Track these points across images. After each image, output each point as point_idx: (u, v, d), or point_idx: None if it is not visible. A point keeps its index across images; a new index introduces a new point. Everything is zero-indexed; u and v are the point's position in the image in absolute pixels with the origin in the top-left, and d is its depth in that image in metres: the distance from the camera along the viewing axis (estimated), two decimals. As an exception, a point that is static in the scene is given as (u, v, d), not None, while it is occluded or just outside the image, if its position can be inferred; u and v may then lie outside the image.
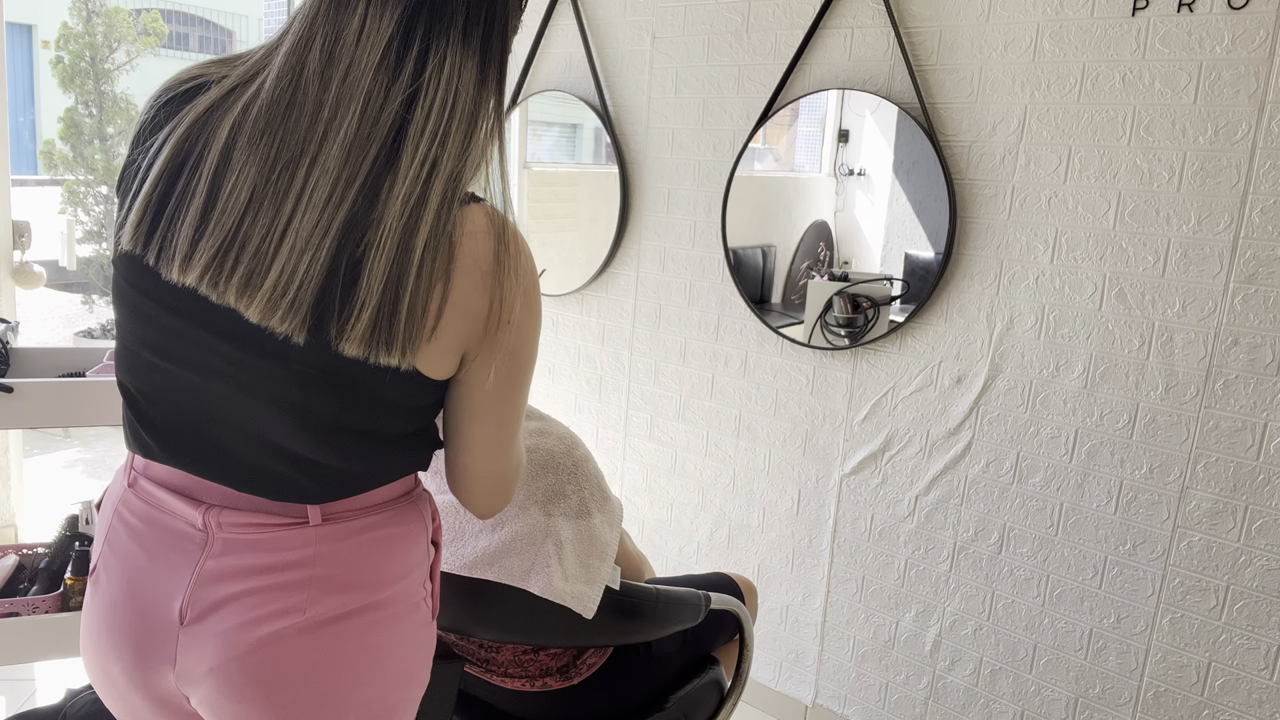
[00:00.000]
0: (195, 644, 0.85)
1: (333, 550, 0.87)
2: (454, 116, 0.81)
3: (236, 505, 0.86)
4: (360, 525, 0.89)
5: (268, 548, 0.85)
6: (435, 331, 0.80)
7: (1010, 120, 1.76)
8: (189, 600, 0.85)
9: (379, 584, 0.89)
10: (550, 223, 2.68)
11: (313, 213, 0.76)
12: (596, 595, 1.21)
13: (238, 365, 0.82)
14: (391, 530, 0.91)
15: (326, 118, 0.77)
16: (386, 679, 0.91)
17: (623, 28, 2.35)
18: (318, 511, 0.86)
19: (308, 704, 0.86)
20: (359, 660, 0.88)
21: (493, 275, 0.82)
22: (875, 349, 2.01)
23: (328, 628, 0.86)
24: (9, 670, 2.26)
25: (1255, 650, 1.61)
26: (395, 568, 0.91)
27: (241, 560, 0.85)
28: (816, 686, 2.21)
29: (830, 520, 2.13)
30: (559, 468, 1.22)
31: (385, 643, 0.90)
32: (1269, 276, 1.53)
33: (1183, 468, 1.65)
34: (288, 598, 0.85)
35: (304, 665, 0.85)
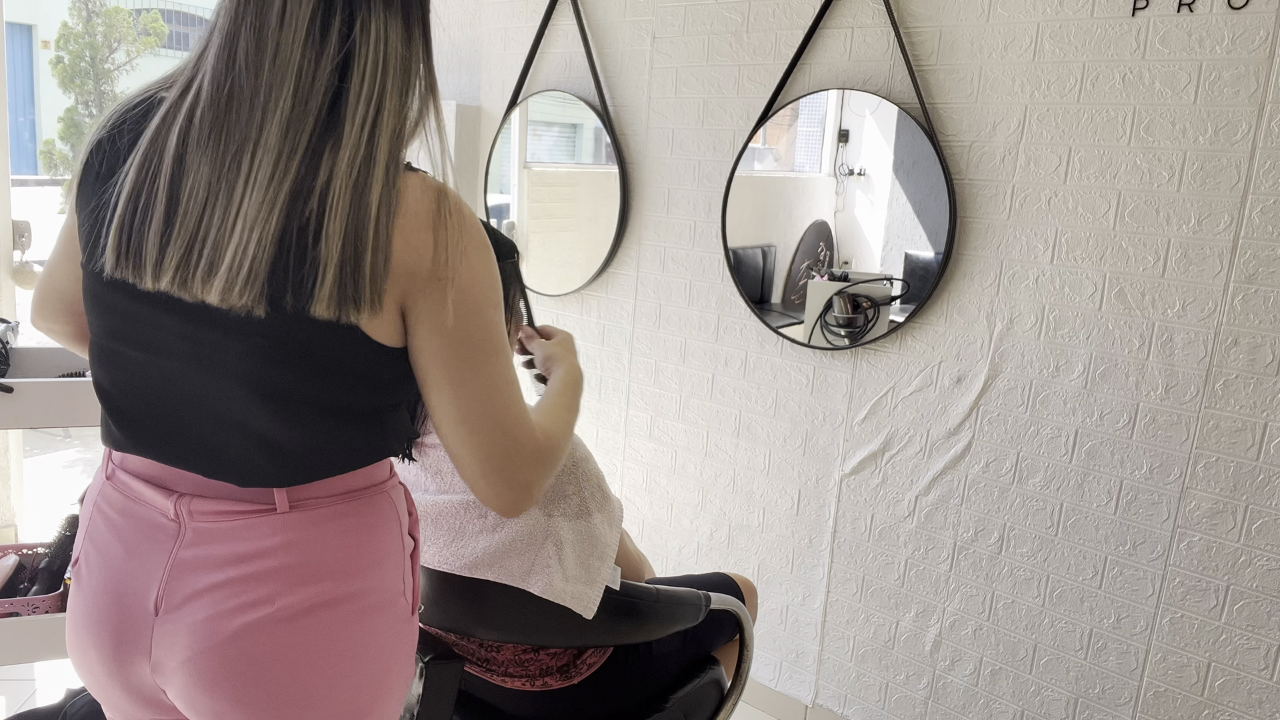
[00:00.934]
0: (169, 636, 0.86)
1: (302, 539, 0.87)
2: (388, 76, 0.84)
3: (206, 494, 0.87)
4: (329, 514, 0.89)
5: (238, 537, 0.86)
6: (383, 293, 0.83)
7: (1010, 120, 1.76)
8: (163, 591, 0.86)
9: (350, 575, 0.89)
10: (550, 223, 2.68)
11: (258, 191, 0.79)
12: (597, 595, 1.21)
13: (200, 344, 0.84)
14: (362, 519, 0.91)
15: (263, 101, 0.80)
16: (362, 674, 0.91)
17: (623, 28, 2.35)
18: (284, 497, 0.87)
19: (281, 699, 0.86)
20: (333, 654, 0.88)
21: (430, 231, 0.83)
22: (875, 349, 2.01)
23: (300, 620, 0.86)
24: (9, 670, 2.26)
25: (1255, 650, 1.61)
26: (367, 558, 0.91)
27: (214, 550, 0.86)
28: (816, 686, 2.21)
29: (830, 520, 2.13)
30: (560, 467, 1.22)
31: (360, 636, 0.90)
32: (1269, 276, 1.53)
33: (1183, 468, 1.65)
34: (258, 589, 0.85)
35: (276, 659, 0.86)
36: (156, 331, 0.85)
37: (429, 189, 0.85)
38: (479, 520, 1.20)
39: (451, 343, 0.86)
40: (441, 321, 0.85)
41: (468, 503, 1.21)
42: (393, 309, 0.84)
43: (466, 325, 0.87)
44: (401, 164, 0.85)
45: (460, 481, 1.23)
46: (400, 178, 0.84)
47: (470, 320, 0.87)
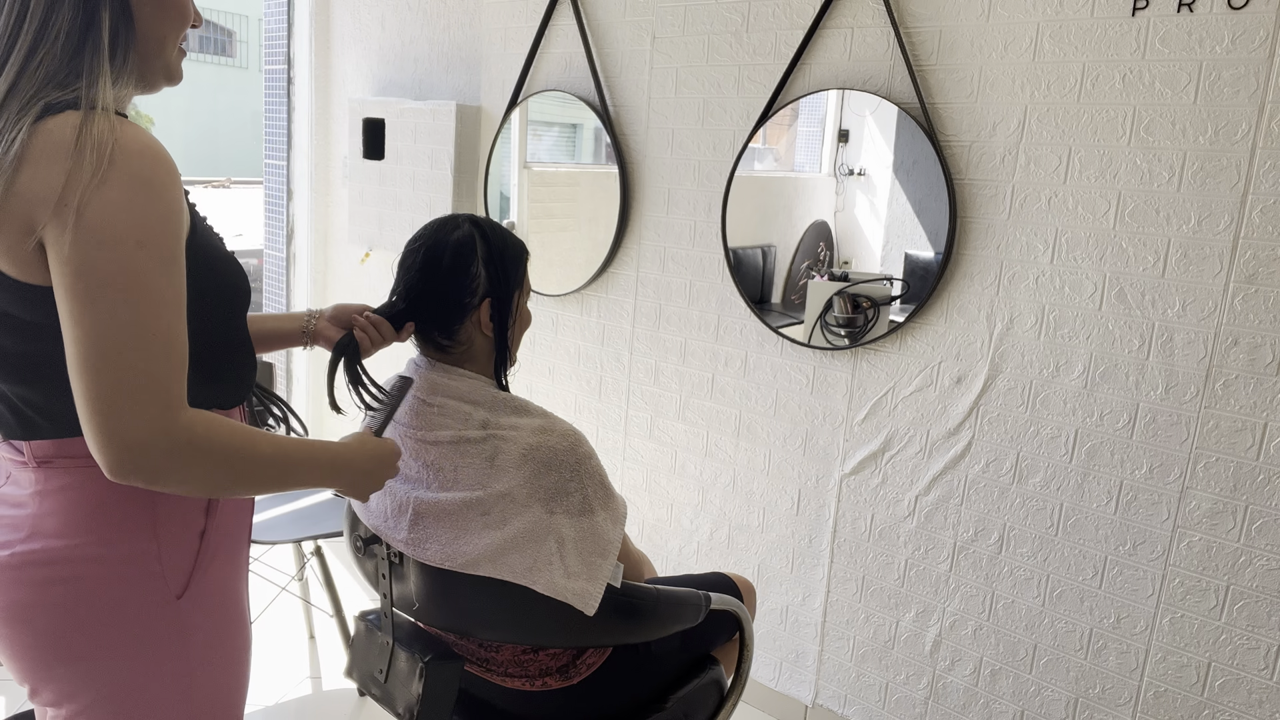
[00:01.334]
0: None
1: (48, 493, 0.93)
2: (20, 29, 0.86)
3: (11, 442, 0.96)
4: (69, 474, 0.93)
5: (17, 482, 0.96)
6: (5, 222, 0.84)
7: (1010, 120, 1.76)
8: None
9: (83, 536, 0.93)
10: (550, 223, 2.68)
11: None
12: (598, 592, 1.21)
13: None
14: (101, 484, 0.92)
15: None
16: (95, 644, 0.94)
17: (623, 28, 2.35)
18: (30, 451, 0.93)
19: (12, 642, 0.94)
20: (55, 613, 0.93)
21: (63, 159, 0.82)
22: (875, 349, 2.01)
23: (29, 570, 0.92)
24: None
25: (1255, 650, 1.61)
26: (101, 523, 0.94)
27: (10, 490, 0.97)
28: (816, 686, 2.21)
29: (830, 520, 2.13)
30: (562, 465, 1.22)
31: (86, 601, 0.93)
32: (1269, 276, 1.53)
33: (1183, 468, 1.65)
34: (11, 532, 0.94)
35: (7, 603, 0.93)
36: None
37: (73, 120, 0.84)
38: (481, 518, 1.20)
39: (72, 273, 0.83)
40: (61, 250, 0.83)
41: (469, 500, 1.21)
42: (25, 238, 0.84)
43: (91, 257, 0.83)
44: (36, 94, 0.85)
45: (463, 478, 1.23)
46: (31, 115, 0.84)
47: (95, 252, 0.83)
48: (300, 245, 3.45)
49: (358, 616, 1.44)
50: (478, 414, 1.26)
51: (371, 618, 1.41)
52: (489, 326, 1.30)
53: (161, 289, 0.86)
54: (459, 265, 1.27)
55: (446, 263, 1.27)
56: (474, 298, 1.28)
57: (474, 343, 1.31)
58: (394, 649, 1.34)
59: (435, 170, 2.78)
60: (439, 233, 1.30)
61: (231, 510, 1.05)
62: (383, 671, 1.35)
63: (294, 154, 3.45)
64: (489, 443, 1.23)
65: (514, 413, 1.27)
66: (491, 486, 1.21)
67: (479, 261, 1.28)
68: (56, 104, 0.86)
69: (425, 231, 1.31)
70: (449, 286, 1.27)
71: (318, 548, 2.38)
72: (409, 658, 1.30)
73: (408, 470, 1.28)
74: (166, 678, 0.98)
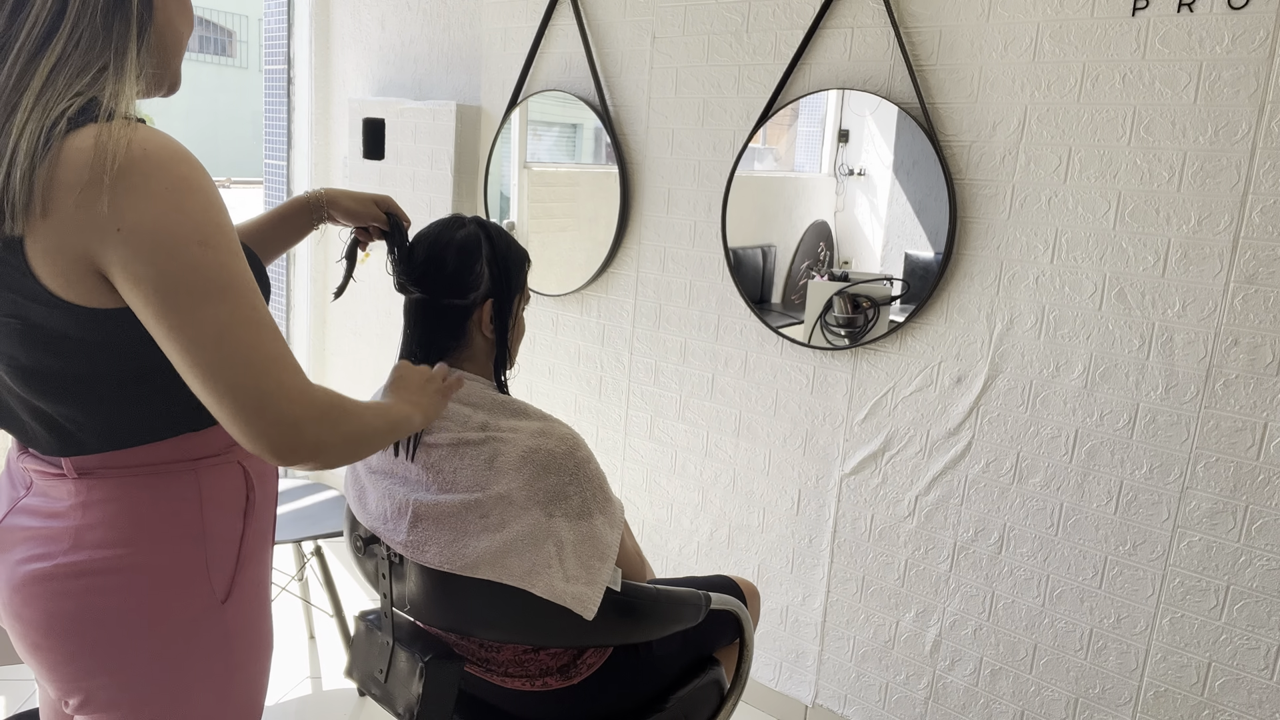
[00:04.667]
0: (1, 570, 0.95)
1: (91, 504, 0.92)
2: (63, 15, 0.83)
3: (32, 452, 0.96)
4: (115, 484, 0.93)
5: (48, 494, 0.94)
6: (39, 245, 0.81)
7: (1010, 120, 1.76)
8: (2, 530, 0.96)
9: (130, 545, 0.92)
10: (550, 223, 2.68)
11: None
12: (597, 596, 1.21)
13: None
14: (150, 494, 0.93)
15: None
16: (140, 652, 0.93)
17: (623, 28, 2.35)
18: (70, 465, 0.92)
19: (54, 654, 0.92)
20: (101, 620, 0.92)
21: (91, 186, 0.80)
22: (875, 349, 2.01)
23: (74, 581, 0.91)
24: (9, 670, 2.26)
25: (1255, 650, 1.61)
26: (150, 532, 0.93)
27: (39, 502, 0.95)
28: (816, 686, 2.21)
29: (830, 520, 2.13)
30: (560, 468, 1.22)
31: (135, 610, 0.92)
32: (1269, 276, 1.53)
33: (1183, 468, 1.65)
34: (48, 544, 0.92)
35: (48, 615, 0.92)
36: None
37: (93, 134, 0.81)
38: (479, 520, 1.20)
39: (150, 291, 0.82)
40: (127, 272, 0.82)
41: (468, 502, 1.21)
42: (77, 262, 0.82)
43: (161, 270, 0.82)
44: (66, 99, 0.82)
45: (462, 481, 1.23)
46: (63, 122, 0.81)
47: (164, 264, 0.82)
48: (300, 245, 3.45)
49: (358, 616, 1.44)
50: (477, 416, 1.26)
51: (371, 618, 1.41)
52: (489, 328, 1.30)
53: (239, 276, 0.86)
54: (463, 263, 1.27)
55: (451, 259, 1.27)
56: (476, 296, 1.28)
57: (474, 343, 1.31)
58: (394, 649, 1.34)
59: (435, 170, 2.78)
60: (445, 231, 1.30)
61: (262, 512, 1.05)
62: (383, 671, 1.36)
63: (294, 154, 3.45)
64: (488, 445, 1.23)
65: (513, 415, 1.27)
66: (490, 489, 1.21)
67: (483, 261, 1.28)
68: (78, 115, 0.83)
69: (430, 230, 1.31)
70: (452, 283, 1.27)
71: (318, 548, 2.38)
72: (409, 658, 1.31)
73: (407, 472, 1.28)
74: (207, 683, 0.98)
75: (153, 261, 0.82)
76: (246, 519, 1.01)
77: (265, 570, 1.07)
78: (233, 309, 0.85)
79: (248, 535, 1.01)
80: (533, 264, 1.40)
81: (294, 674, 2.38)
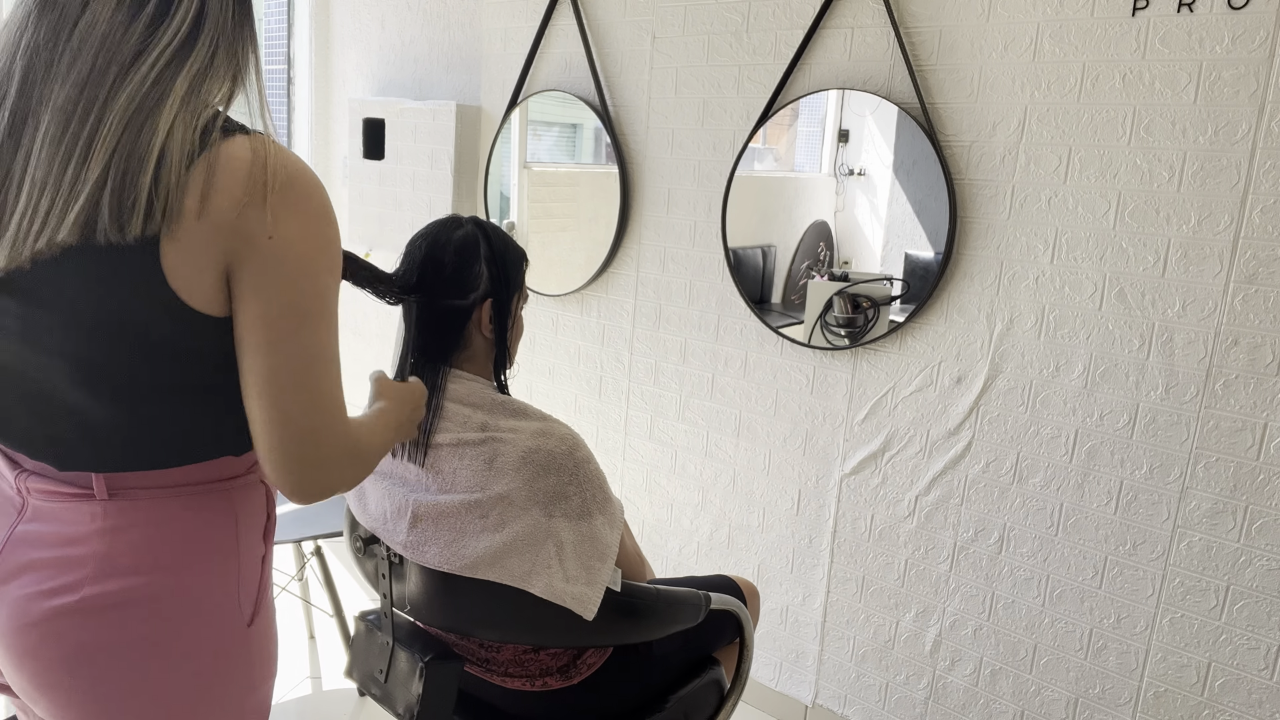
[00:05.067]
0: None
1: (118, 528, 0.87)
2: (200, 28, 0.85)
3: (41, 472, 0.89)
4: (149, 505, 0.88)
5: (62, 519, 0.87)
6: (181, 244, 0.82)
7: (1010, 120, 1.76)
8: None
9: (164, 571, 0.88)
10: (550, 223, 2.68)
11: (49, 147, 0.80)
12: (597, 597, 1.21)
13: (22, 320, 0.85)
14: (187, 516, 0.90)
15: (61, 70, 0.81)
16: (171, 679, 0.89)
17: (623, 28, 2.35)
18: (102, 483, 0.87)
19: (79, 692, 0.86)
20: (135, 653, 0.87)
21: (244, 184, 0.82)
22: (875, 349, 2.01)
23: (106, 613, 0.86)
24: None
25: (1255, 650, 1.61)
26: (186, 557, 0.89)
27: (44, 528, 0.88)
28: (816, 686, 2.21)
29: (830, 520, 2.13)
30: (560, 469, 1.22)
31: (168, 638, 0.88)
32: (1269, 276, 1.53)
33: (1183, 468, 1.65)
34: (69, 574, 0.86)
35: (76, 649, 0.85)
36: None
37: (250, 150, 0.84)
38: (479, 521, 1.20)
39: (277, 304, 0.85)
40: (261, 279, 0.84)
41: (468, 503, 1.21)
42: (211, 268, 0.84)
43: (295, 288, 0.85)
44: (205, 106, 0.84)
45: (461, 481, 1.23)
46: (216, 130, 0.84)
47: (299, 283, 0.85)
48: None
49: (358, 616, 1.44)
50: (476, 416, 1.26)
51: (371, 618, 1.41)
52: (489, 328, 1.30)
53: (336, 313, 0.90)
54: (462, 262, 1.27)
55: (450, 259, 1.27)
56: (476, 296, 1.28)
57: (473, 344, 1.31)
58: (394, 649, 1.34)
59: (435, 170, 2.78)
60: (443, 230, 1.30)
61: (274, 531, 1.04)
62: (383, 671, 1.36)
63: (294, 154, 3.45)
64: (487, 445, 1.23)
65: (513, 415, 1.27)
66: (490, 489, 1.21)
67: (481, 260, 1.28)
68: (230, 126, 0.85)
69: (429, 229, 1.31)
70: (451, 284, 1.27)
71: (318, 548, 2.38)
72: (409, 658, 1.31)
73: (406, 473, 1.28)
74: (227, 706, 0.95)
75: (287, 277, 0.85)
76: (267, 539, 1.00)
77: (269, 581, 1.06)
78: (327, 338, 0.88)
79: (268, 555, 1.01)
80: (531, 264, 1.39)
81: (294, 674, 2.37)
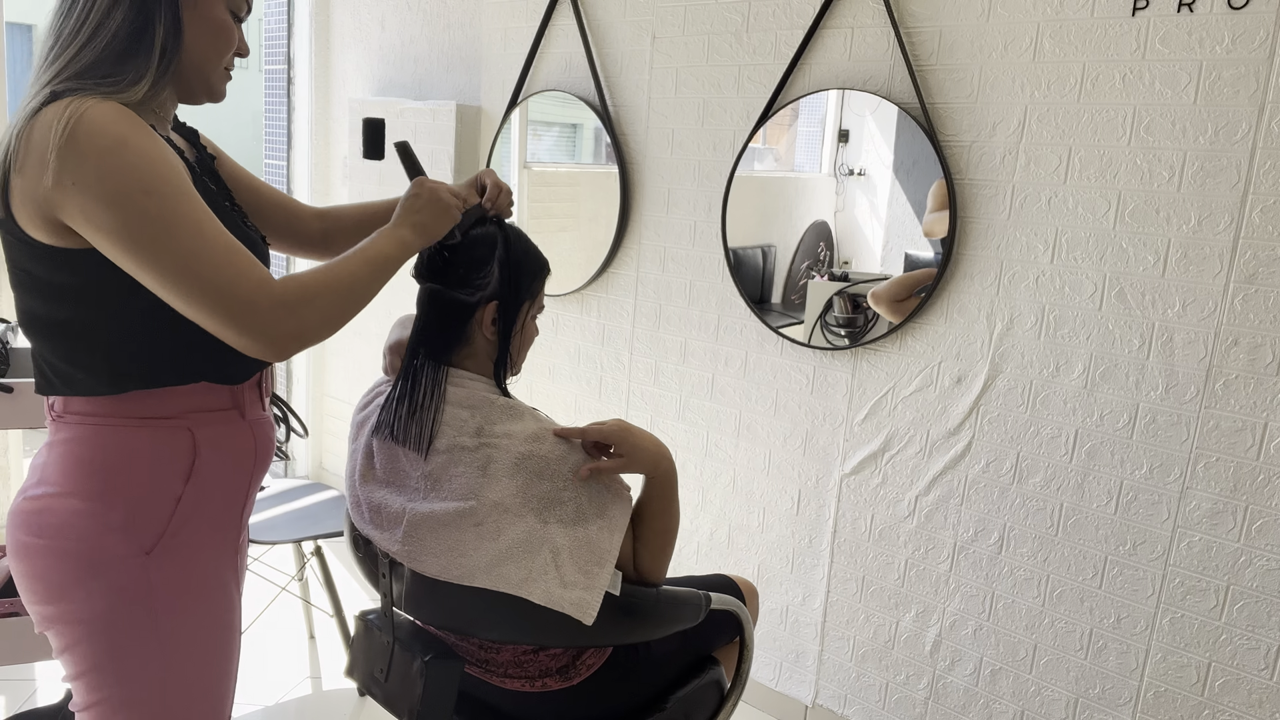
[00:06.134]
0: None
1: (55, 444, 1.06)
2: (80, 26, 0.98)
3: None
4: (72, 432, 1.05)
5: (49, 431, 1.08)
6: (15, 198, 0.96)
7: (1010, 120, 1.76)
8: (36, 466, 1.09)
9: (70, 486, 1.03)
10: (550, 223, 2.68)
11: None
12: (596, 601, 1.21)
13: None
14: (87, 444, 1.05)
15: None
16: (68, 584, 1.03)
17: (623, 28, 2.35)
18: (56, 404, 1.06)
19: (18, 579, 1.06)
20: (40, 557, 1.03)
21: (45, 143, 0.94)
22: (875, 349, 2.01)
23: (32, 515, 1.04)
24: (9, 670, 2.26)
25: (1255, 650, 1.61)
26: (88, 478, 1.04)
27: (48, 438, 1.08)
28: (816, 686, 2.21)
29: (830, 520, 2.13)
30: (554, 474, 1.21)
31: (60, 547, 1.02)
32: (1269, 276, 1.53)
33: (1183, 468, 1.65)
34: (34, 475, 1.06)
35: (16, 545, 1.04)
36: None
37: (56, 109, 0.94)
38: (474, 529, 1.20)
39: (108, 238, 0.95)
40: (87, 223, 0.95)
41: (462, 510, 1.21)
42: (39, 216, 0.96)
43: (114, 220, 0.94)
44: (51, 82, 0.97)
45: (456, 487, 1.22)
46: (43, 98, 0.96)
47: (115, 214, 0.94)
48: (300, 245, 3.44)
49: (358, 616, 1.44)
50: (473, 420, 1.25)
51: (371, 617, 1.41)
52: (491, 330, 1.29)
53: (191, 214, 0.97)
54: (474, 260, 1.27)
55: (462, 255, 1.27)
56: (482, 296, 1.28)
57: (474, 341, 1.30)
58: (394, 649, 1.34)
59: (435, 170, 2.78)
60: (464, 223, 1.29)
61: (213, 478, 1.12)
62: (383, 671, 1.35)
63: (294, 154, 3.45)
64: (481, 451, 1.22)
65: (509, 419, 1.26)
66: (484, 496, 1.20)
67: (494, 262, 1.28)
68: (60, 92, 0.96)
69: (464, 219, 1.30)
70: (460, 279, 1.27)
71: (318, 548, 2.38)
72: (409, 657, 1.30)
73: (402, 480, 1.27)
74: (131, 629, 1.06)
75: (106, 213, 0.94)
76: (189, 482, 1.10)
77: (218, 551, 1.15)
78: (184, 244, 0.96)
79: (188, 496, 1.09)
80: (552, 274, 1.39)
81: (294, 674, 2.38)
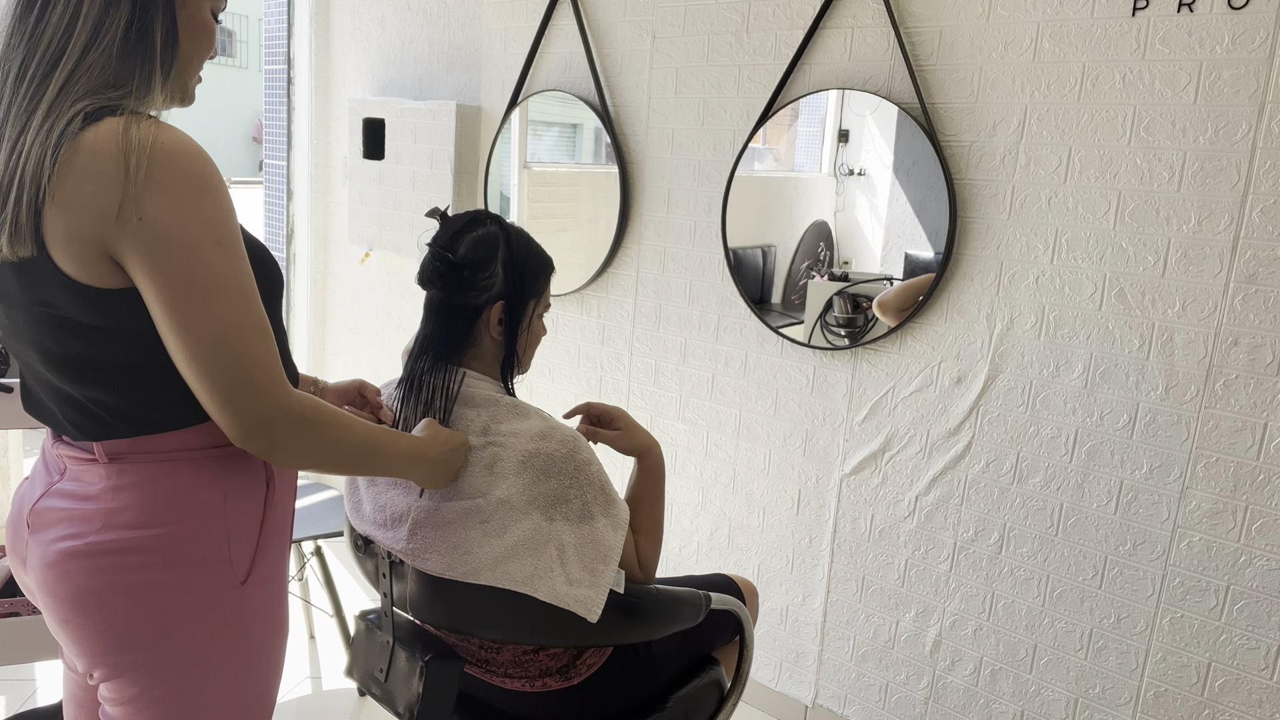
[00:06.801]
0: (32, 550, 1.01)
1: (120, 487, 0.98)
2: (71, 33, 0.90)
3: (68, 441, 1.02)
4: (144, 468, 0.99)
5: (83, 479, 1.00)
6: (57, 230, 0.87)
7: (1010, 120, 1.76)
8: (33, 511, 1.02)
9: (156, 526, 0.98)
10: (550, 223, 2.68)
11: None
12: (601, 599, 1.21)
13: (7, 317, 0.98)
14: (176, 479, 0.99)
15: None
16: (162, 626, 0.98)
17: (623, 28, 2.35)
18: (101, 450, 0.98)
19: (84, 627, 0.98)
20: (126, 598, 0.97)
21: (112, 174, 0.86)
22: (875, 349, 2.01)
23: (105, 559, 0.96)
24: (9, 670, 2.26)
25: (1255, 650, 1.61)
26: (175, 514, 0.99)
27: (72, 486, 1.00)
28: (816, 686, 2.21)
29: (830, 520, 2.13)
30: (560, 472, 1.22)
31: (157, 586, 0.97)
32: (1269, 276, 1.53)
33: (1183, 468, 1.65)
34: (82, 525, 0.98)
35: (82, 590, 0.97)
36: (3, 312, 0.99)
37: (115, 126, 0.87)
38: (480, 526, 1.20)
39: (163, 284, 0.89)
40: (142, 263, 0.88)
41: (468, 508, 1.21)
42: (88, 246, 0.88)
43: (176, 266, 0.88)
44: (73, 107, 0.88)
45: (462, 486, 1.22)
46: (76, 123, 0.87)
47: (179, 260, 0.88)
48: (300, 245, 3.45)
49: (358, 616, 1.44)
50: (479, 419, 1.26)
51: (371, 617, 1.41)
52: (497, 330, 1.29)
53: (245, 281, 0.93)
54: (477, 262, 1.27)
55: (465, 257, 1.27)
56: (488, 297, 1.28)
57: (481, 342, 1.31)
58: (394, 648, 1.34)
59: (435, 170, 2.78)
60: (466, 227, 1.30)
61: (281, 502, 1.10)
62: (383, 671, 1.36)
63: (294, 154, 3.45)
64: (487, 450, 1.22)
65: (514, 418, 1.26)
66: (490, 494, 1.20)
67: (498, 263, 1.28)
68: (95, 112, 0.88)
69: (453, 223, 1.31)
70: (465, 282, 1.27)
71: (318, 548, 2.38)
72: (409, 657, 1.31)
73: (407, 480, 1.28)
74: (226, 664, 1.02)
75: (171, 258, 0.88)
76: (269, 507, 1.07)
77: (282, 560, 1.12)
78: (232, 311, 0.91)
79: (267, 523, 1.06)
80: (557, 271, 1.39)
81: (294, 674, 2.38)
